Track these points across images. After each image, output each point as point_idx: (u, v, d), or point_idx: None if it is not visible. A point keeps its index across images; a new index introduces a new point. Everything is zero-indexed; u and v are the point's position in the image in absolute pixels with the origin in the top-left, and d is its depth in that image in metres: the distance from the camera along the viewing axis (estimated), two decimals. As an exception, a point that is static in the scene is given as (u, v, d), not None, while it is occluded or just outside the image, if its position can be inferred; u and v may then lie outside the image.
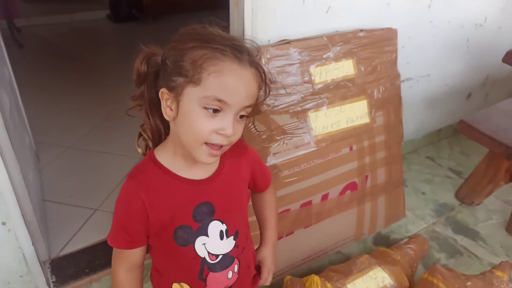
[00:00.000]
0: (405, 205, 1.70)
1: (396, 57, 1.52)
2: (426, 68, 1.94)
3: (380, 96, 1.48)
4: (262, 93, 0.73)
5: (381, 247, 1.45)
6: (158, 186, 0.72)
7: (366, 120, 1.46)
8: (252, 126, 1.24)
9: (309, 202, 1.38)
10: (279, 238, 1.35)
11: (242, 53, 0.66)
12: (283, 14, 1.35)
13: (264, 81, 0.71)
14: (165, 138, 0.77)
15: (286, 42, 1.30)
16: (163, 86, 0.68)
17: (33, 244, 1.27)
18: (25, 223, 1.23)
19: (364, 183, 1.51)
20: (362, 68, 1.43)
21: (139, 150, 0.79)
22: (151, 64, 0.71)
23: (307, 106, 1.33)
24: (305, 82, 1.32)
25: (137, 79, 0.73)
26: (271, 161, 1.26)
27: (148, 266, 1.45)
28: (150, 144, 0.77)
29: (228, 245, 0.78)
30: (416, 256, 1.43)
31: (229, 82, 0.64)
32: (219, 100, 0.64)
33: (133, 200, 0.71)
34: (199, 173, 0.75)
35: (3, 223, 1.19)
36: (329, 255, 1.52)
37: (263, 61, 1.23)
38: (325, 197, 1.42)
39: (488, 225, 1.72)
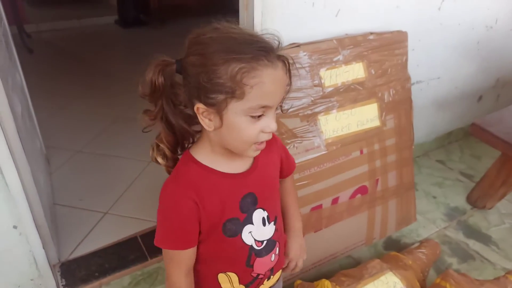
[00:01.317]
0: (416, 209, 1.69)
1: (406, 60, 1.51)
2: (436, 71, 1.93)
3: (390, 99, 1.47)
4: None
5: (392, 252, 1.43)
6: (205, 184, 0.73)
7: (376, 123, 1.45)
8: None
9: (320, 206, 1.37)
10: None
11: (270, 52, 0.66)
12: (293, 17, 1.35)
13: (289, 69, 0.71)
14: (181, 143, 0.77)
15: (296, 46, 1.29)
16: (198, 102, 0.67)
17: (43, 248, 1.28)
18: (36, 227, 1.24)
19: (374, 187, 1.49)
20: (373, 71, 1.42)
21: (160, 161, 0.77)
22: (166, 75, 0.69)
23: (317, 110, 1.33)
24: (315, 86, 1.32)
25: (153, 93, 0.70)
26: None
27: (157, 270, 1.45)
28: (168, 152, 0.76)
29: (270, 230, 0.81)
30: (428, 261, 1.42)
31: (270, 89, 0.66)
32: (264, 106, 0.66)
33: (184, 202, 0.71)
34: (239, 166, 0.77)
35: (15, 227, 1.20)
36: (339, 260, 1.51)
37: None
38: (335, 200, 1.40)
39: (501, 229, 1.69)
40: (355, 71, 1.39)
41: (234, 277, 0.80)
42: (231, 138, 0.69)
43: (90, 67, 3.29)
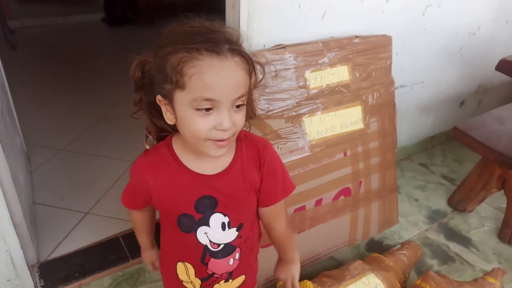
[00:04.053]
0: (399, 211, 1.70)
1: (390, 64, 1.53)
2: (420, 75, 1.96)
3: (374, 102, 1.48)
4: (254, 77, 0.72)
5: (374, 253, 1.44)
6: (164, 171, 0.75)
7: (360, 125, 1.46)
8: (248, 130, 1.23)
9: (303, 207, 1.38)
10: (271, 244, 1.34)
11: (219, 44, 0.64)
12: (279, 18, 1.35)
13: (251, 65, 0.69)
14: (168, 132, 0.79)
15: (281, 47, 1.29)
16: (158, 93, 0.69)
17: (21, 248, 1.25)
18: (14, 226, 1.21)
19: (357, 189, 1.50)
20: (357, 74, 1.43)
21: (147, 147, 0.80)
22: (145, 71, 0.72)
23: (301, 111, 1.33)
24: (300, 87, 1.32)
25: (135, 85, 0.74)
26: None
27: (138, 270, 1.43)
28: (156, 142, 0.80)
29: (230, 235, 0.79)
30: (409, 263, 1.43)
31: (211, 80, 0.63)
32: (208, 99, 0.64)
33: (138, 175, 0.77)
34: (208, 168, 0.75)
35: (-9, 226, 1.17)
36: (322, 261, 1.52)
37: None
38: (318, 202, 1.41)
39: (480, 232, 1.72)
40: (340, 74, 1.40)
41: (191, 268, 0.81)
42: (184, 132, 0.70)
43: (75, 65, 3.25)
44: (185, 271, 0.82)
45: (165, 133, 0.78)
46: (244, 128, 0.78)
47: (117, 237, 1.54)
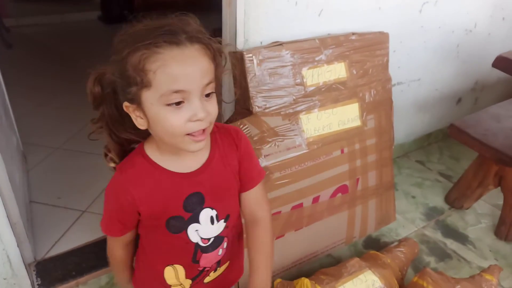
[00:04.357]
0: (396, 209, 1.71)
1: (387, 61, 1.53)
2: (417, 73, 1.96)
3: (371, 99, 1.49)
4: (216, 62, 0.70)
5: (372, 251, 1.44)
6: (147, 180, 0.73)
7: (357, 123, 1.46)
8: (244, 128, 1.23)
9: (300, 205, 1.38)
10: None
11: (177, 34, 0.63)
12: (276, 16, 1.35)
13: (212, 50, 0.67)
14: (130, 150, 0.77)
15: (278, 44, 1.29)
16: (124, 100, 0.68)
17: (18, 246, 1.25)
18: (11, 225, 1.21)
19: (355, 186, 1.50)
20: (354, 71, 1.43)
21: (111, 165, 0.77)
22: (104, 83, 0.70)
23: (298, 108, 1.33)
24: (297, 84, 1.32)
25: (94, 101, 0.72)
26: (262, 163, 1.25)
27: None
28: (117, 161, 0.77)
29: (219, 227, 0.80)
30: (407, 260, 1.43)
31: (176, 70, 0.62)
32: (177, 92, 0.63)
33: (122, 194, 0.72)
34: (188, 165, 0.75)
35: (-12, 224, 1.16)
36: (320, 258, 1.52)
37: (255, 62, 1.23)
38: (316, 199, 1.41)
39: (477, 229, 1.73)
40: (337, 71, 1.40)
41: (181, 270, 0.80)
42: (160, 132, 0.68)
43: (72, 63, 3.23)
44: (174, 274, 0.81)
45: (130, 145, 0.77)
46: (240, 126, 0.78)
47: (114, 235, 1.53)
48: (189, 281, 0.82)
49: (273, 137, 1.28)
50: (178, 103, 0.64)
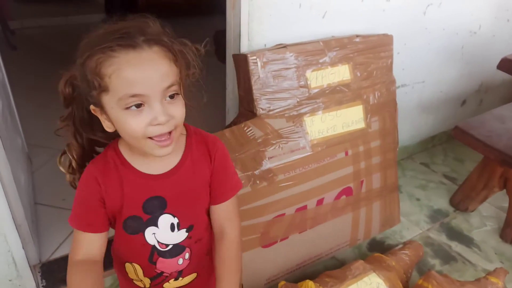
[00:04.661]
0: (400, 211, 1.70)
1: (391, 63, 1.52)
2: (421, 75, 1.95)
3: (375, 101, 1.48)
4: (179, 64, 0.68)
5: (376, 253, 1.44)
6: (113, 174, 0.73)
7: (361, 125, 1.46)
8: (248, 130, 1.23)
9: (304, 207, 1.38)
10: (274, 243, 1.34)
11: (133, 37, 0.62)
12: (280, 18, 1.35)
13: (173, 51, 0.65)
14: (90, 156, 0.78)
15: (282, 46, 1.29)
16: (89, 103, 0.68)
17: (23, 248, 1.25)
18: (16, 227, 1.21)
19: (359, 188, 1.50)
20: (358, 73, 1.43)
21: (62, 169, 0.78)
22: (75, 85, 0.70)
23: (302, 111, 1.33)
24: (301, 87, 1.32)
25: (64, 101, 0.73)
26: (266, 165, 1.25)
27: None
28: (74, 163, 0.77)
29: (179, 236, 0.78)
30: (411, 262, 1.43)
31: (132, 74, 0.61)
32: (134, 95, 0.62)
33: (91, 182, 0.72)
34: (157, 168, 0.74)
35: (-7, 226, 1.17)
36: (323, 261, 1.52)
37: (259, 64, 1.23)
38: (320, 202, 1.41)
39: (482, 231, 1.72)
40: (341, 73, 1.40)
41: (138, 268, 0.80)
42: (123, 135, 0.68)
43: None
44: (133, 270, 0.81)
45: (92, 149, 0.78)
46: (244, 128, 0.78)
47: (119, 237, 1.54)
48: (148, 280, 0.81)
49: (277, 139, 1.28)
50: (138, 106, 0.63)
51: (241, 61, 1.25)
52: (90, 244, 0.73)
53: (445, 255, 1.59)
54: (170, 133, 0.66)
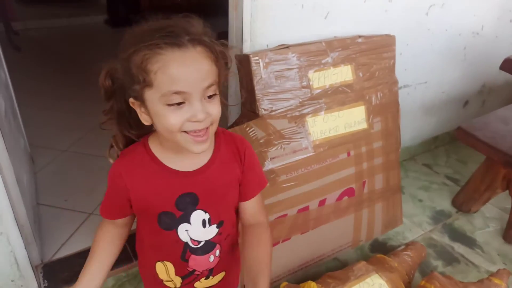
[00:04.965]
0: (402, 212, 1.70)
1: (394, 64, 1.52)
2: (423, 75, 1.95)
3: (378, 102, 1.48)
4: (220, 64, 0.70)
5: (378, 254, 1.43)
6: (141, 171, 0.75)
7: (364, 126, 1.45)
8: (250, 131, 1.23)
9: (306, 208, 1.37)
10: (276, 244, 1.34)
11: (179, 36, 0.64)
12: (282, 18, 1.35)
13: (215, 52, 0.68)
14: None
15: (284, 47, 1.29)
16: (129, 96, 0.70)
17: (25, 248, 1.26)
18: (18, 227, 1.21)
19: (361, 189, 1.50)
20: (361, 74, 1.43)
21: (111, 160, 0.79)
22: (115, 78, 0.71)
23: (305, 111, 1.33)
24: (303, 87, 1.32)
25: (105, 94, 0.74)
26: (268, 165, 1.25)
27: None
28: (119, 154, 0.79)
29: (210, 232, 0.79)
30: (414, 263, 1.42)
31: (176, 72, 0.63)
32: (177, 93, 0.64)
33: (116, 177, 0.75)
34: (188, 165, 0.75)
35: (-4, 226, 1.17)
36: (326, 262, 1.51)
37: (261, 65, 1.23)
38: (322, 202, 1.41)
39: (485, 232, 1.71)
40: (343, 74, 1.39)
41: (170, 267, 0.81)
42: (160, 129, 0.69)
43: (79, 66, 3.24)
44: (165, 270, 0.81)
45: (137, 138, 0.79)
46: (247, 129, 0.78)
47: (121, 237, 1.54)
48: (179, 279, 0.82)
49: (279, 139, 1.28)
50: (179, 104, 0.65)
51: (244, 61, 1.25)
52: (115, 222, 0.82)
53: (448, 257, 1.58)
54: (207, 128, 0.69)
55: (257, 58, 1.23)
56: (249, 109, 1.29)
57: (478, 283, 1.31)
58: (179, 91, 0.64)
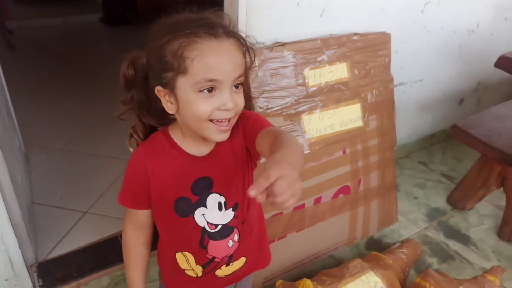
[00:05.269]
0: (398, 210, 1.70)
1: (389, 61, 1.52)
2: (419, 73, 1.95)
3: (373, 100, 1.48)
4: (248, 58, 0.74)
5: (374, 252, 1.44)
6: (162, 156, 0.77)
7: (359, 123, 1.46)
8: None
9: (302, 206, 1.37)
10: (271, 242, 1.34)
11: (215, 27, 0.67)
12: (278, 16, 1.35)
13: (246, 46, 0.72)
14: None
15: (280, 45, 1.29)
16: (156, 84, 0.71)
17: (19, 247, 1.25)
18: (12, 226, 1.21)
19: (357, 187, 1.50)
20: (356, 72, 1.43)
21: (131, 149, 0.81)
22: (137, 68, 0.73)
23: (300, 109, 1.33)
24: (299, 85, 1.32)
25: (126, 84, 0.75)
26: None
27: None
28: (143, 139, 0.80)
29: (227, 216, 0.80)
30: (409, 261, 1.43)
31: (212, 60, 0.66)
32: (210, 80, 0.66)
33: (137, 164, 0.77)
34: (203, 150, 0.78)
35: (-11, 225, 1.17)
36: (321, 259, 1.51)
37: (256, 63, 1.23)
38: (318, 200, 1.41)
39: (480, 230, 1.72)
40: (339, 71, 1.39)
41: (190, 257, 0.82)
42: (188, 117, 0.71)
43: (74, 65, 3.24)
44: (185, 260, 0.83)
45: (156, 128, 0.81)
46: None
47: (116, 236, 1.53)
48: (200, 268, 0.83)
49: (274, 137, 1.27)
50: (210, 90, 0.67)
51: (239, 59, 1.24)
52: (138, 217, 0.83)
53: (443, 254, 1.59)
54: (229, 120, 0.71)
55: (254, 60, 1.22)
56: (245, 107, 1.29)
57: (473, 280, 1.32)
58: (213, 79, 0.66)
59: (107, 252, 1.46)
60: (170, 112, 0.72)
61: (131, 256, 0.86)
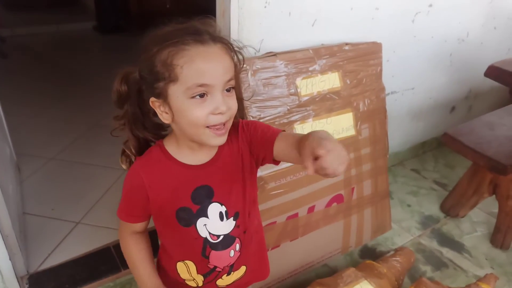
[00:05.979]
0: (391, 217, 1.70)
1: (381, 70, 1.54)
2: (410, 82, 1.97)
3: (365, 108, 1.49)
4: (237, 61, 0.76)
5: (368, 260, 1.44)
6: (158, 168, 0.77)
7: (352, 132, 1.46)
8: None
9: (296, 215, 1.37)
10: (265, 251, 1.33)
11: (202, 34, 0.69)
12: (270, 26, 1.35)
13: (233, 50, 0.74)
14: (148, 147, 0.81)
15: (272, 55, 1.30)
16: (150, 96, 0.72)
17: (10, 259, 1.24)
18: (2, 237, 1.20)
19: (350, 195, 1.50)
20: (348, 81, 1.44)
21: (124, 167, 0.82)
22: (130, 82, 0.74)
23: (293, 118, 1.33)
24: (291, 94, 1.33)
25: (119, 100, 0.76)
26: (257, 173, 1.25)
27: (130, 281, 1.41)
28: (133, 159, 0.81)
29: (228, 226, 0.81)
30: (403, 269, 1.43)
31: (202, 65, 0.67)
32: (201, 85, 0.67)
33: (134, 177, 0.78)
34: (201, 158, 0.78)
35: (-21, 237, 1.15)
36: (315, 269, 1.51)
37: (249, 73, 1.23)
38: (311, 209, 1.41)
39: (473, 237, 1.73)
40: (331, 81, 1.40)
41: (191, 265, 0.82)
42: (184, 125, 0.72)
43: (67, 74, 3.23)
44: (186, 269, 0.83)
45: (148, 143, 0.81)
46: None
47: (109, 247, 1.52)
48: (201, 277, 0.83)
49: (267, 147, 1.27)
50: (201, 95, 0.68)
51: (231, 69, 1.25)
52: (134, 227, 0.84)
53: (436, 262, 1.59)
54: (224, 124, 0.72)
55: (244, 65, 1.23)
56: (237, 117, 1.29)
57: (466, 288, 1.32)
58: (204, 84, 0.67)
59: (100, 263, 1.45)
60: (165, 122, 0.73)
61: (137, 256, 0.85)
